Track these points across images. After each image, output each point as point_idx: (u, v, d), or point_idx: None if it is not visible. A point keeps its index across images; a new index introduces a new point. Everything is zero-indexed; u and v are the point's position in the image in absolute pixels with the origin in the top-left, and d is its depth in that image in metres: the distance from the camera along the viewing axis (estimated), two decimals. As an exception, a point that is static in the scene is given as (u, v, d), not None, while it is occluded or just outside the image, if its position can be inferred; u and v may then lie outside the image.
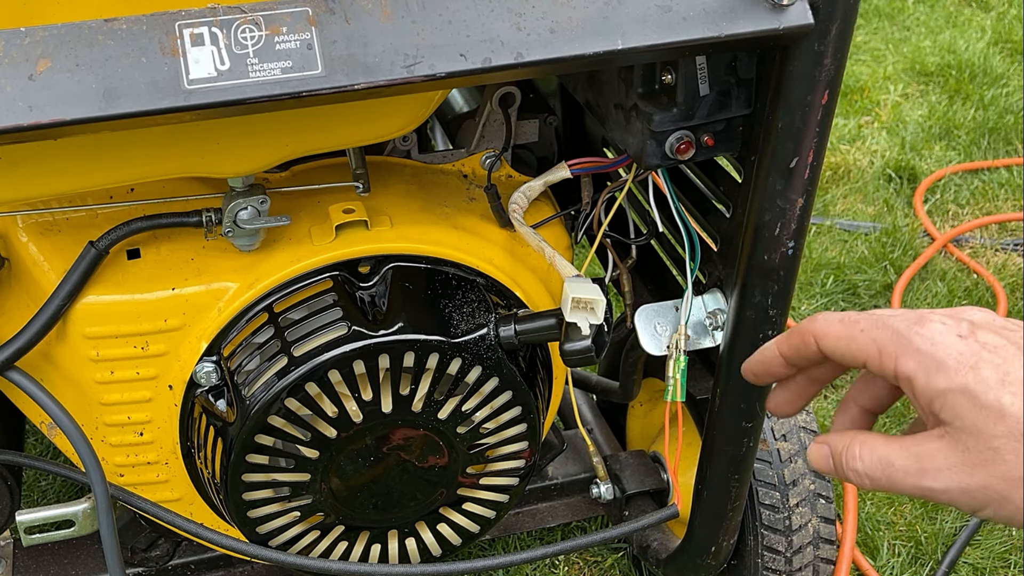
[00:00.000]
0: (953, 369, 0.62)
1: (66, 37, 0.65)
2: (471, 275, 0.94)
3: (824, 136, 0.80)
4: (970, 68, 2.67)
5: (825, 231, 2.16)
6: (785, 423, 1.19)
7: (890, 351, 0.64)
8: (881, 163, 2.36)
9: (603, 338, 0.85)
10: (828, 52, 0.75)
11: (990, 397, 0.61)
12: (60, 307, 0.87)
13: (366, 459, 0.92)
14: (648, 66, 0.84)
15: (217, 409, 0.90)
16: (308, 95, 0.68)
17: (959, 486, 0.62)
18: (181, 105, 0.66)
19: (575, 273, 0.89)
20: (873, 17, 3.00)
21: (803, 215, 0.84)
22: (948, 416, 0.62)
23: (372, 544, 1.00)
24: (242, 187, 0.87)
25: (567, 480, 1.28)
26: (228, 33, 0.67)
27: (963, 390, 0.61)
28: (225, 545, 0.96)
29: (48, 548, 1.17)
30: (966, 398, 0.61)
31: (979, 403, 0.61)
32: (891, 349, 0.64)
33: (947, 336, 0.63)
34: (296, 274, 0.90)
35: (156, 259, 0.91)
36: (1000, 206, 2.24)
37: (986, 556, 1.49)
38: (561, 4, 0.71)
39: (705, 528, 1.09)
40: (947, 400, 0.62)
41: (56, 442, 0.98)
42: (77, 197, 0.93)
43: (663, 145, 0.84)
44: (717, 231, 0.92)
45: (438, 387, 0.89)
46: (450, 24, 0.69)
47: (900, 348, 0.63)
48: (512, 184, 1.02)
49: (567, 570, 1.46)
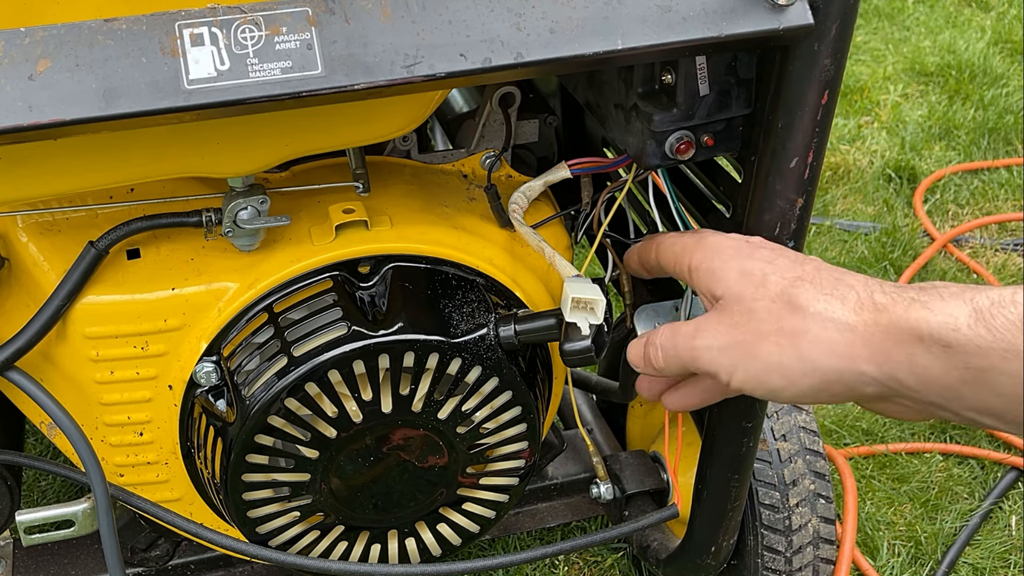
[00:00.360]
0: (728, 254, 0.75)
1: (66, 37, 0.65)
2: (471, 275, 0.94)
3: (824, 136, 0.80)
4: (970, 68, 2.67)
5: (825, 231, 2.16)
6: (785, 423, 1.19)
7: (687, 252, 0.78)
8: (881, 163, 2.36)
9: (603, 338, 0.85)
10: (828, 52, 0.75)
11: (755, 269, 0.72)
12: (60, 307, 0.87)
13: (366, 459, 0.92)
14: (648, 66, 0.84)
15: (217, 409, 0.90)
16: (308, 95, 0.68)
17: (718, 343, 0.72)
18: (181, 105, 0.66)
19: (575, 273, 0.89)
20: (873, 17, 3.01)
21: (803, 215, 0.84)
22: (720, 289, 0.74)
23: (372, 544, 1.00)
24: (242, 187, 0.87)
25: (567, 480, 1.28)
26: (228, 33, 0.67)
27: (734, 267, 0.74)
28: (225, 545, 0.96)
29: (48, 548, 1.17)
30: (735, 272, 0.73)
31: (746, 273, 0.72)
32: (688, 251, 0.78)
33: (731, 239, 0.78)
34: (296, 274, 0.90)
35: (156, 259, 0.91)
36: (1000, 206, 2.25)
37: (986, 556, 1.49)
38: (561, 4, 0.71)
39: (705, 528, 1.09)
40: (719, 275, 0.74)
41: (56, 442, 0.98)
42: (77, 197, 0.93)
43: (663, 145, 0.84)
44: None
45: (438, 387, 0.89)
46: (450, 24, 0.69)
47: (693, 248, 0.78)
48: (512, 184, 1.02)
49: (567, 570, 1.46)
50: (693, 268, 0.77)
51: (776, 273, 0.72)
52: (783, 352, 0.68)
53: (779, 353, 0.68)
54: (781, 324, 0.69)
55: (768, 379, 0.69)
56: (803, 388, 0.68)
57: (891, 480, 1.60)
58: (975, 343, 0.59)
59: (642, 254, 0.88)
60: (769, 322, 0.69)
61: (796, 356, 0.68)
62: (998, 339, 0.58)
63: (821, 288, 0.69)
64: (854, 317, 0.66)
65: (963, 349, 0.60)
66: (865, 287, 0.68)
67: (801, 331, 0.68)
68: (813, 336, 0.67)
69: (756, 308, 0.71)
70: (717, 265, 0.74)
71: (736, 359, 0.71)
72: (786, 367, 0.68)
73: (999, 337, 0.58)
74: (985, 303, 0.60)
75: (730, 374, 0.72)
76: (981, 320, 0.59)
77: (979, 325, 0.59)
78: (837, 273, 0.70)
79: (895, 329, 0.64)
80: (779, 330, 0.69)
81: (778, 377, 0.69)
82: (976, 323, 0.59)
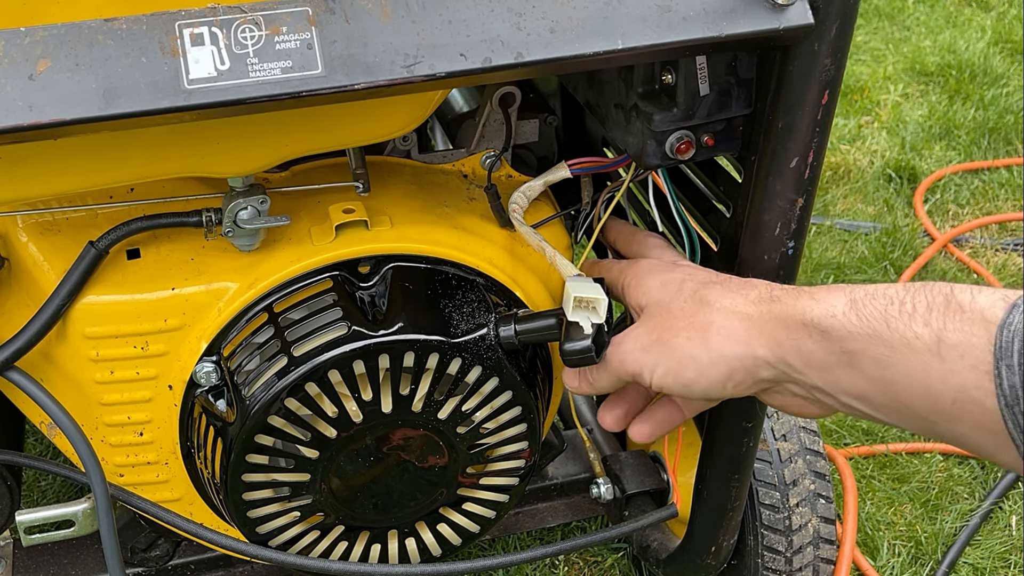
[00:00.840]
0: (654, 271, 0.84)
1: (66, 37, 0.65)
2: (471, 275, 0.94)
3: (824, 136, 0.80)
4: (970, 68, 2.67)
5: (825, 231, 2.16)
6: (785, 423, 1.19)
7: (623, 273, 0.87)
8: (881, 163, 2.36)
9: (603, 338, 0.85)
10: (828, 52, 0.75)
11: (674, 278, 0.81)
12: (60, 307, 0.87)
13: (366, 459, 0.92)
14: (648, 66, 0.84)
15: (217, 409, 0.90)
16: (308, 95, 0.68)
17: (640, 344, 0.80)
18: (181, 105, 0.66)
19: (576, 272, 0.89)
20: (873, 17, 3.01)
21: (803, 215, 0.84)
22: (644, 299, 0.83)
23: (372, 544, 1.00)
24: (242, 187, 0.87)
25: (567, 480, 1.28)
26: (228, 33, 0.67)
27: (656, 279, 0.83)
28: (225, 545, 0.96)
29: (48, 548, 1.17)
30: (657, 282, 0.82)
31: (665, 282, 0.81)
32: (623, 272, 0.87)
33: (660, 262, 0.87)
34: (296, 274, 0.90)
35: (156, 259, 0.91)
36: (1000, 206, 2.25)
37: (986, 556, 1.49)
38: (561, 4, 0.71)
39: (705, 528, 1.09)
40: (644, 286, 0.83)
41: (56, 442, 0.98)
42: (77, 197, 0.93)
43: (663, 145, 0.84)
44: (717, 231, 0.92)
45: (438, 387, 0.89)
46: (450, 24, 0.69)
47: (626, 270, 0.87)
48: (512, 184, 1.02)
49: (567, 570, 1.46)
50: (625, 285, 0.86)
51: (692, 279, 0.80)
52: (693, 344, 0.75)
53: (690, 346, 0.75)
54: (692, 319, 0.76)
55: (683, 372, 0.76)
56: (712, 378, 0.75)
57: (891, 480, 1.60)
58: (847, 328, 0.67)
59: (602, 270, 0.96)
60: (683, 319, 0.77)
61: (704, 347, 0.75)
62: (865, 325, 0.66)
63: (729, 288, 0.77)
64: (752, 308, 0.74)
65: (838, 334, 0.68)
66: (768, 286, 0.76)
67: (708, 324, 0.75)
68: (718, 327, 0.75)
69: (672, 309, 0.78)
70: (643, 280, 0.84)
71: (656, 356, 0.78)
72: (697, 359, 0.75)
73: (866, 324, 0.66)
74: (860, 295, 0.68)
75: (652, 371, 0.78)
76: (854, 309, 0.67)
77: (852, 313, 0.67)
78: (746, 279, 0.79)
79: (784, 317, 0.72)
80: (690, 325, 0.76)
81: (691, 370, 0.76)
82: (849, 311, 0.67)
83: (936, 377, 0.62)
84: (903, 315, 0.64)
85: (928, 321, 0.63)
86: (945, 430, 0.64)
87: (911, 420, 0.66)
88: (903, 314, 0.64)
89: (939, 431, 0.65)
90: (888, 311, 0.65)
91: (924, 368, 0.63)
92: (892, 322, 0.65)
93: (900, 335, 0.64)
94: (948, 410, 0.62)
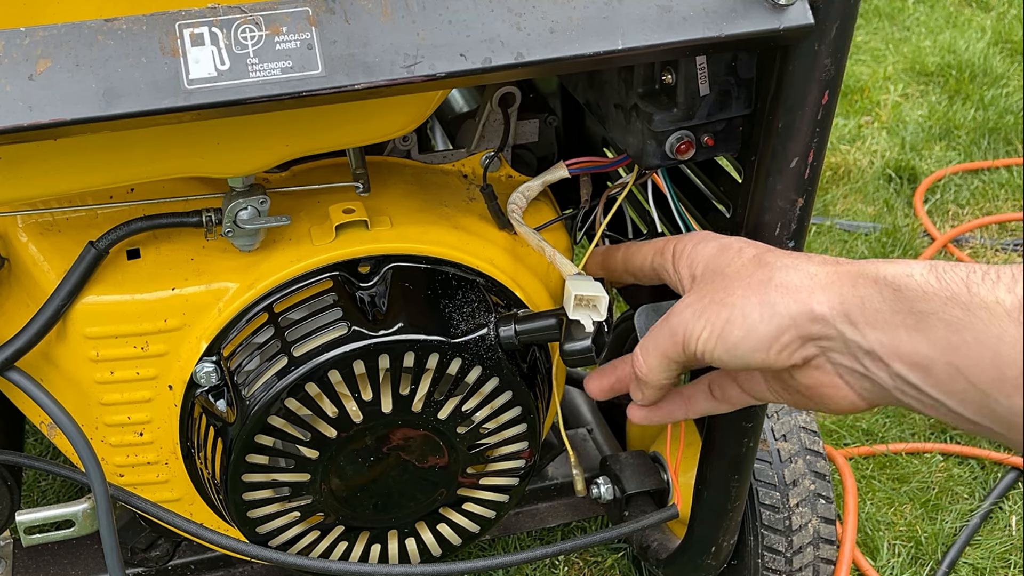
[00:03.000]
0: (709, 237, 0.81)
1: (66, 37, 0.65)
2: (471, 275, 0.94)
3: (824, 136, 0.80)
4: (970, 68, 2.67)
5: (825, 231, 2.16)
6: (785, 423, 1.19)
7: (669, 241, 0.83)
8: (881, 163, 2.36)
9: (603, 338, 0.85)
10: (828, 52, 0.75)
11: (733, 243, 0.78)
12: (60, 307, 0.87)
13: (366, 459, 0.92)
14: (648, 66, 0.84)
15: (217, 409, 0.90)
16: (308, 95, 0.68)
17: (691, 311, 0.76)
18: (181, 105, 0.66)
19: (576, 271, 0.89)
20: (873, 17, 3.00)
21: (803, 215, 0.84)
22: (701, 263, 0.79)
23: (372, 544, 1.00)
24: (242, 187, 0.87)
25: (567, 480, 1.28)
26: (228, 33, 0.67)
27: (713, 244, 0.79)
28: (225, 545, 0.96)
29: (48, 548, 1.17)
30: (715, 247, 0.79)
31: (724, 247, 0.78)
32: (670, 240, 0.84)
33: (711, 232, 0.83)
34: (296, 274, 0.90)
35: (156, 259, 0.91)
36: (1000, 206, 2.25)
37: (986, 556, 1.49)
38: (561, 4, 0.71)
39: (705, 528, 1.09)
40: (700, 250, 0.80)
41: (56, 442, 0.98)
42: (77, 197, 0.93)
43: (663, 145, 0.84)
44: (717, 231, 0.92)
45: (438, 387, 0.89)
46: (450, 24, 0.69)
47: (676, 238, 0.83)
48: (512, 184, 1.02)
49: (567, 570, 1.46)
50: (677, 251, 0.82)
51: (751, 246, 0.78)
52: (747, 300, 0.72)
53: (744, 302, 0.73)
54: (750, 279, 0.74)
55: (731, 331, 0.73)
56: (759, 336, 0.72)
57: (891, 480, 1.60)
58: (923, 288, 0.65)
59: (605, 258, 0.94)
60: (740, 279, 0.74)
61: (759, 301, 0.72)
62: (944, 287, 0.64)
63: (792, 254, 0.75)
64: (819, 268, 0.72)
65: (912, 294, 0.65)
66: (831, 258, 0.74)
67: (767, 280, 0.73)
68: (777, 282, 0.72)
69: (728, 273, 0.76)
70: (699, 245, 0.80)
71: (706, 317, 0.75)
72: (748, 315, 0.72)
73: (945, 286, 0.64)
74: (941, 264, 0.66)
75: (699, 336, 0.75)
76: (933, 271, 0.65)
77: (930, 275, 0.65)
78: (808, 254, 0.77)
79: (855, 274, 0.69)
80: (747, 283, 0.73)
81: (739, 327, 0.72)
82: (928, 273, 0.66)
83: (1008, 343, 0.61)
84: (987, 281, 0.63)
85: (1012, 288, 0.62)
86: (1002, 403, 0.62)
87: (967, 393, 0.64)
88: (987, 280, 0.63)
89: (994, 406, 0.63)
90: (971, 277, 0.64)
91: (998, 334, 0.61)
92: (974, 287, 0.63)
93: (981, 299, 0.62)
94: (1013, 379, 0.61)
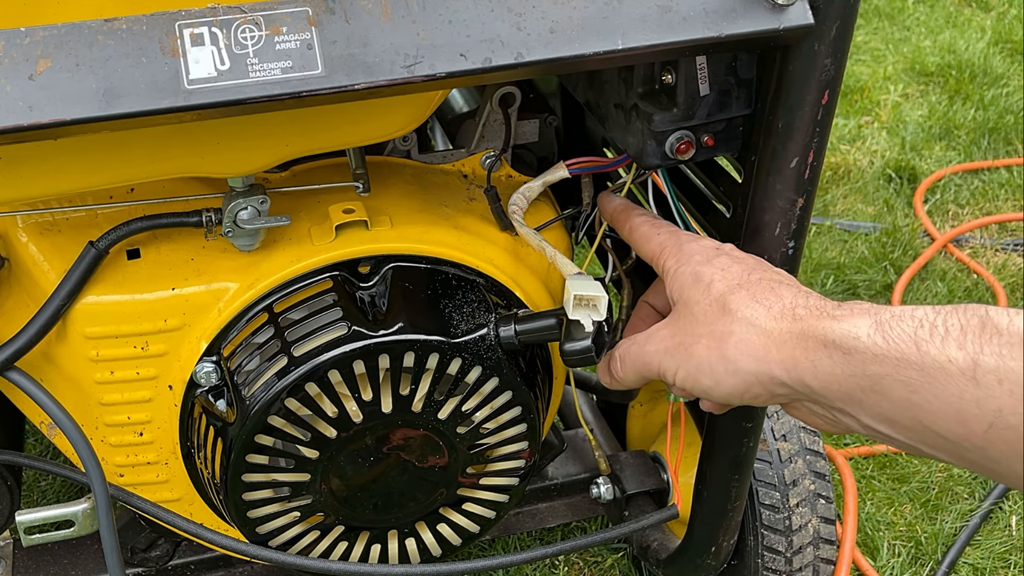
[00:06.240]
0: (693, 260, 0.80)
1: (66, 37, 0.65)
2: (471, 275, 0.94)
3: (824, 136, 0.80)
4: (970, 68, 2.67)
5: (825, 231, 2.16)
6: (785, 423, 1.19)
7: (665, 254, 0.83)
8: (881, 163, 2.36)
9: (603, 338, 0.85)
10: (828, 52, 0.75)
11: (705, 274, 0.78)
12: (60, 307, 0.87)
13: (366, 459, 0.92)
14: (648, 66, 0.84)
15: (217, 409, 0.90)
16: (308, 95, 0.68)
17: (664, 346, 0.78)
18: (181, 105, 0.66)
19: (577, 271, 0.89)
20: (873, 17, 3.01)
21: (803, 215, 0.84)
22: (677, 293, 0.80)
23: (372, 544, 1.00)
24: (242, 187, 0.87)
25: (567, 480, 1.28)
26: (228, 33, 0.67)
27: (690, 271, 0.79)
28: (225, 545, 0.96)
29: (48, 548, 1.17)
30: (690, 276, 0.79)
31: (697, 278, 0.78)
32: (666, 253, 0.83)
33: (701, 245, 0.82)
34: (296, 274, 0.90)
35: (156, 259, 0.91)
36: (1000, 206, 2.25)
37: (986, 556, 1.49)
38: (561, 4, 0.71)
39: (705, 528, 1.09)
40: (679, 279, 0.80)
41: (56, 442, 0.98)
42: (77, 197, 0.93)
43: (663, 145, 0.84)
44: (717, 231, 0.92)
45: (438, 387, 0.89)
46: (450, 24, 0.69)
47: (671, 253, 0.83)
48: (512, 184, 1.02)
49: (567, 570, 1.46)
50: (667, 271, 0.82)
51: (722, 280, 0.77)
52: (711, 354, 0.74)
53: (708, 355, 0.74)
54: (712, 327, 0.75)
55: (700, 378, 0.75)
56: (728, 388, 0.74)
57: (891, 480, 1.60)
58: (872, 351, 0.64)
59: (614, 217, 0.93)
60: (704, 324, 0.75)
61: (721, 357, 0.73)
62: (892, 348, 0.63)
63: (754, 296, 0.74)
64: (773, 324, 0.72)
65: (862, 356, 0.65)
66: (793, 298, 0.73)
67: (727, 334, 0.73)
68: (736, 339, 0.73)
69: (696, 312, 0.77)
70: (681, 267, 0.81)
71: (677, 360, 0.77)
72: (714, 368, 0.74)
73: (893, 346, 0.63)
74: (887, 316, 0.66)
75: (674, 373, 0.78)
76: (880, 330, 0.65)
77: (877, 335, 0.65)
78: (775, 284, 0.76)
79: (804, 336, 0.69)
80: (711, 332, 0.75)
81: (707, 377, 0.75)
82: (875, 333, 0.65)
83: (970, 402, 0.60)
84: (935, 338, 0.62)
85: (963, 344, 0.61)
86: (976, 456, 0.62)
87: (938, 446, 0.64)
88: (935, 336, 0.62)
89: (969, 457, 0.63)
90: (918, 333, 0.63)
91: (957, 393, 0.60)
92: (923, 345, 0.62)
93: (932, 358, 0.61)
94: (981, 436, 0.60)
